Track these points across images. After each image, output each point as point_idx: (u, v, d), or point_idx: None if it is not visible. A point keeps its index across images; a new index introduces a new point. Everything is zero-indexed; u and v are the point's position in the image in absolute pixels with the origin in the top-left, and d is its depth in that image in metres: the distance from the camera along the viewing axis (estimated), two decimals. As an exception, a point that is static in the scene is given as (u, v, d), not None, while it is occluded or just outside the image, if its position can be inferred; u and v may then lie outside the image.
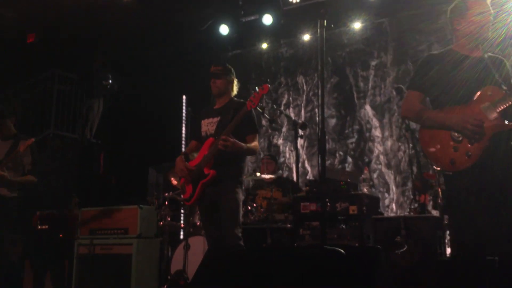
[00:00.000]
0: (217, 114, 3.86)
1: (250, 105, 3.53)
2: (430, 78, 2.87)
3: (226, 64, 4.01)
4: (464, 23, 2.84)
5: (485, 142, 2.65)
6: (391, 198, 6.82)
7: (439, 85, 2.84)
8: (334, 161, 7.34)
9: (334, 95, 7.55)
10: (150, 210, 5.48)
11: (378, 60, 7.30)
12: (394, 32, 7.16)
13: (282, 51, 8.18)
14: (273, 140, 7.95)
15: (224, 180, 3.65)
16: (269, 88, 3.57)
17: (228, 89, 3.94)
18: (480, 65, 2.76)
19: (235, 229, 3.58)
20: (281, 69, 8.15)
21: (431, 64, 2.89)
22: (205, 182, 3.64)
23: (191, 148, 4.04)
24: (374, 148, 7.10)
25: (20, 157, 4.67)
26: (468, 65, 2.77)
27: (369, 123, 7.22)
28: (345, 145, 7.33)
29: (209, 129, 3.85)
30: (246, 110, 3.55)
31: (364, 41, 7.43)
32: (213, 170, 3.62)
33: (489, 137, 2.65)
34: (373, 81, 7.29)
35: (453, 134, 2.75)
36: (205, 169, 3.65)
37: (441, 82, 2.83)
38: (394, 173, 6.86)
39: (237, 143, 3.55)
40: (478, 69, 2.74)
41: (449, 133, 2.76)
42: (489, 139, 2.64)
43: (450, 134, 2.75)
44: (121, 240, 5.24)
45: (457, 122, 2.72)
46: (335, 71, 7.59)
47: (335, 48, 7.57)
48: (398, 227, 4.41)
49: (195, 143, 4.02)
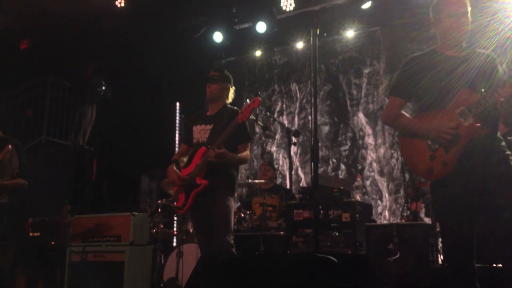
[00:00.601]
0: (210, 121, 3.85)
1: (241, 117, 3.55)
2: (411, 82, 2.75)
3: (225, 70, 4.00)
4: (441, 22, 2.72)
5: (460, 150, 2.55)
6: (384, 205, 6.85)
7: (420, 89, 2.73)
8: (327, 168, 7.36)
9: (327, 102, 7.59)
10: (143, 217, 5.46)
11: (371, 68, 7.35)
12: (387, 41, 7.22)
13: (275, 59, 8.22)
14: (266, 147, 7.97)
15: (216, 188, 3.66)
16: (259, 101, 3.58)
17: (223, 95, 3.92)
18: (460, 65, 2.63)
19: (227, 236, 3.58)
20: (274, 76, 8.18)
21: (413, 67, 2.77)
22: (198, 191, 3.65)
23: (181, 153, 4.04)
24: (367, 156, 7.13)
25: (7, 161, 4.60)
26: (448, 66, 2.65)
27: (362, 131, 7.25)
28: (338, 152, 7.36)
29: (201, 137, 3.84)
30: (237, 122, 3.57)
31: (357, 49, 7.48)
32: (205, 180, 3.63)
33: (464, 144, 2.54)
34: (366, 88, 7.34)
35: (428, 142, 2.65)
36: (197, 178, 3.66)
37: (422, 86, 2.71)
38: (387, 180, 6.89)
39: (227, 154, 3.56)
40: (458, 70, 2.62)
41: (425, 142, 2.67)
42: (465, 146, 2.54)
43: (426, 142, 2.66)
44: (114, 248, 5.22)
45: (430, 130, 2.62)
46: (328, 78, 7.63)
47: (328, 55, 7.62)
48: (391, 235, 4.43)
49: (185, 147, 4.01)
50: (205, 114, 3.97)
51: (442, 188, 2.65)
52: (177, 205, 3.87)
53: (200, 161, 3.68)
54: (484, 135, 2.57)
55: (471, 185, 2.56)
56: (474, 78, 2.60)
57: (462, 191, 2.56)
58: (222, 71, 3.97)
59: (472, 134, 2.55)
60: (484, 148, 2.58)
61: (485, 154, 2.58)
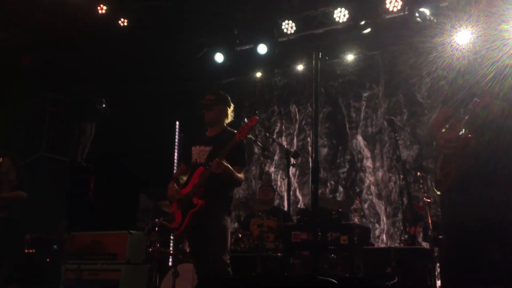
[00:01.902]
0: (209, 143, 3.85)
1: (239, 136, 3.56)
2: None
3: (220, 92, 3.99)
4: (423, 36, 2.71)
5: (458, 160, 2.51)
6: (381, 228, 6.83)
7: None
8: (326, 190, 7.35)
9: (327, 124, 7.62)
10: (139, 235, 5.43)
11: (370, 92, 7.41)
12: (386, 65, 7.30)
13: (275, 80, 8.28)
14: (265, 168, 7.97)
15: (213, 208, 3.66)
16: (257, 120, 3.59)
17: (221, 118, 3.91)
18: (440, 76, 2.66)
19: (223, 256, 3.57)
20: (274, 97, 8.23)
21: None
22: (194, 212, 3.64)
23: (180, 171, 4.04)
24: (365, 178, 7.14)
25: (3, 174, 4.59)
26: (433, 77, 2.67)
27: (360, 153, 7.27)
28: (336, 174, 7.37)
29: (200, 157, 3.84)
30: (236, 141, 3.57)
31: (356, 72, 7.55)
32: (202, 200, 3.62)
33: (460, 155, 2.50)
34: (365, 112, 7.38)
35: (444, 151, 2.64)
36: (194, 198, 3.65)
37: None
38: (385, 203, 6.89)
39: (229, 168, 3.58)
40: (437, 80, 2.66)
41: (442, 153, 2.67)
42: (462, 156, 2.49)
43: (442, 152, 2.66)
44: (109, 266, 5.17)
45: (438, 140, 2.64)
46: (328, 101, 7.69)
47: (328, 78, 7.68)
48: (389, 259, 4.41)
49: (184, 167, 4.01)
50: (204, 135, 3.97)
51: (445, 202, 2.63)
52: (173, 226, 3.85)
53: (197, 181, 3.69)
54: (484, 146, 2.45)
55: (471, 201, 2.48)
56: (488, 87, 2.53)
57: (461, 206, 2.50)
58: (218, 93, 3.95)
59: (464, 145, 2.48)
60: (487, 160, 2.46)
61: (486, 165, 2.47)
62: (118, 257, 5.19)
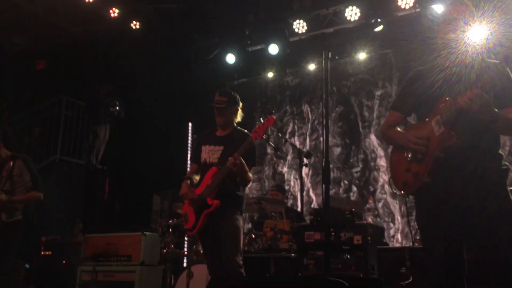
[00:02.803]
0: (220, 143, 3.84)
1: (255, 136, 3.51)
2: (410, 96, 2.70)
3: (231, 92, 3.95)
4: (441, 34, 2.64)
5: (431, 160, 2.43)
6: (396, 228, 6.77)
7: (417, 102, 2.67)
8: (339, 190, 7.32)
9: (339, 124, 7.59)
10: (154, 237, 5.46)
11: (383, 90, 7.35)
12: (399, 63, 7.23)
13: (287, 80, 8.26)
14: (278, 168, 7.96)
15: (226, 208, 3.65)
16: (274, 119, 3.53)
17: (233, 119, 3.90)
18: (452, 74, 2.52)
19: (235, 257, 3.57)
20: (286, 97, 8.21)
21: (413, 80, 2.72)
22: (209, 212, 3.64)
23: (193, 171, 4.02)
24: (379, 178, 7.09)
25: (17, 177, 4.63)
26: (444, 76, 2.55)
27: (374, 153, 7.23)
28: (350, 174, 7.33)
29: (210, 157, 3.82)
30: (251, 141, 3.55)
31: (369, 71, 7.50)
32: (216, 200, 3.61)
33: (435, 154, 2.42)
34: (378, 110, 7.33)
35: (406, 154, 2.58)
36: (208, 199, 3.65)
37: (418, 99, 2.65)
38: (399, 202, 6.83)
39: (245, 165, 3.57)
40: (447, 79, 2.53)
41: (403, 154, 2.61)
42: (436, 156, 2.42)
43: (404, 154, 2.60)
44: (124, 267, 5.22)
45: (403, 140, 2.59)
46: (340, 100, 7.64)
47: (340, 77, 7.65)
48: (403, 258, 4.37)
49: (196, 166, 4.00)
50: (214, 134, 3.95)
51: (421, 201, 2.57)
52: (187, 227, 3.85)
53: (210, 181, 3.68)
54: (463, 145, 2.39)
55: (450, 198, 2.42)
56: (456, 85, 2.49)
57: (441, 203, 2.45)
58: (229, 94, 3.90)
59: (444, 144, 2.41)
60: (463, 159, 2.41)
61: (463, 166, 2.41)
62: (132, 258, 5.23)
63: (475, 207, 2.37)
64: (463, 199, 2.40)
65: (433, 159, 2.42)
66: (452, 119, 2.40)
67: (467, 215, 2.39)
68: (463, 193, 2.40)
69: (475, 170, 2.40)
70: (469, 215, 2.38)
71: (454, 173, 2.42)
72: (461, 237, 2.44)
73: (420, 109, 2.67)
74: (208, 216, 3.65)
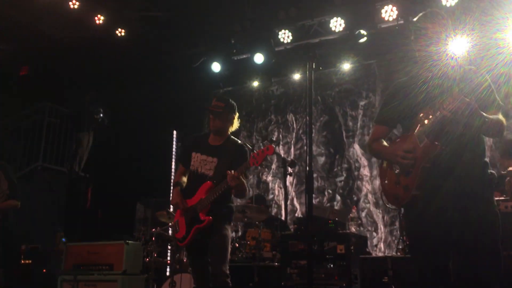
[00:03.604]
0: (213, 154, 3.76)
1: (253, 162, 3.46)
2: (395, 109, 2.70)
3: (229, 100, 3.89)
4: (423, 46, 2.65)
5: (418, 172, 2.44)
6: (379, 237, 6.81)
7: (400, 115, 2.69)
8: (323, 199, 7.35)
9: (324, 133, 7.64)
10: (136, 246, 5.40)
11: (367, 100, 7.43)
12: (382, 73, 7.33)
13: (272, 89, 8.30)
14: (262, 177, 7.97)
15: (216, 219, 3.63)
16: (274, 150, 3.47)
17: (228, 126, 3.84)
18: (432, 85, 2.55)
19: (223, 267, 3.55)
20: (271, 106, 8.25)
21: (398, 93, 2.73)
22: (200, 227, 3.61)
23: (180, 173, 3.96)
24: (363, 187, 7.14)
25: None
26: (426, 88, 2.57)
27: (357, 162, 7.28)
28: (333, 183, 7.36)
29: (202, 167, 3.76)
30: (249, 165, 3.50)
31: (353, 81, 7.58)
32: (209, 217, 3.58)
33: (422, 165, 2.43)
34: (362, 120, 7.40)
35: (394, 167, 2.59)
36: (201, 214, 3.62)
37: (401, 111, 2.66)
38: (382, 212, 6.88)
39: (244, 183, 3.58)
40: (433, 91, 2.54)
41: (391, 167, 2.61)
42: (422, 167, 2.43)
43: (393, 169, 2.60)
44: (106, 277, 5.13)
45: (389, 154, 2.61)
46: (325, 110, 7.70)
47: (325, 87, 7.71)
48: (386, 267, 4.40)
49: (183, 169, 3.95)
50: (207, 142, 3.86)
51: (411, 213, 2.59)
52: (177, 237, 3.81)
53: (205, 196, 3.63)
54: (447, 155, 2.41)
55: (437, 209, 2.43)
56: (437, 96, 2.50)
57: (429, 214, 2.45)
58: (227, 101, 3.85)
59: (429, 155, 2.41)
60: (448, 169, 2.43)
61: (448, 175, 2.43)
62: (115, 267, 5.15)
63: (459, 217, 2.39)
64: (448, 210, 2.42)
65: (420, 170, 2.44)
66: (435, 130, 2.42)
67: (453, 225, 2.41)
68: (448, 203, 2.42)
69: (460, 180, 2.42)
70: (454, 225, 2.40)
71: (440, 183, 2.44)
72: (447, 247, 2.46)
73: (405, 121, 2.69)
74: (199, 231, 3.62)
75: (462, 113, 2.33)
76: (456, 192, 2.42)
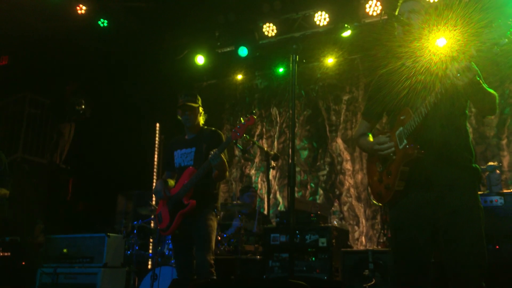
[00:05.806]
0: (191, 145, 3.87)
1: (235, 135, 3.48)
2: (380, 104, 2.71)
3: (197, 94, 4.03)
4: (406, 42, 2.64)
5: (397, 174, 2.45)
6: (360, 231, 6.87)
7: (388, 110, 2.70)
8: (305, 192, 7.38)
9: (307, 127, 7.65)
10: (117, 238, 5.37)
11: (350, 95, 7.46)
12: (366, 69, 7.36)
13: (256, 83, 8.29)
14: (245, 170, 7.97)
15: (201, 208, 3.65)
16: (254, 119, 3.52)
17: (199, 118, 3.97)
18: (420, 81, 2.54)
19: (207, 256, 3.56)
20: (255, 100, 8.24)
21: (381, 87, 2.74)
22: (184, 212, 3.61)
23: (167, 177, 4.04)
24: (345, 181, 7.18)
25: None
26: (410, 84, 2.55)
27: (340, 156, 7.32)
28: (316, 177, 7.40)
29: (184, 160, 3.85)
30: (231, 140, 3.52)
31: (336, 76, 7.60)
32: (193, 200, 3.61)
33: (400, 168, 2.44)
34: (345, 115, 7.44)
35: (377, 164, 2.61)
36: (184, 198, 3.62)
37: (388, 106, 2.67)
38: (364, 206, 6.94)
39: (225, 162, 3.62)
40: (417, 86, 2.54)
41: (375, 164, 2.64)
42: (401, 171, 2.44)
43: (375, 165, 2.63)
44: (86, 269, 5.11)
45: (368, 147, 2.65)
46: (308, 104, 7.72)
47: (308, 81, 7.72)
48: (366, 261, 4.44)
49: (170, 174, 4.03)
50: (183, 138, 3.99)
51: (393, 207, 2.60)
52: (161, 227, 3.82)
53: (187, 181, 3.66)
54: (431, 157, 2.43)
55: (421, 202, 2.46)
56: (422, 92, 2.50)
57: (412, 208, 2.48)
58: (196, 96, 3.98)
59: (408, 158, 2.42)
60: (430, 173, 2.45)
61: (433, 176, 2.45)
62: (95, 260, 5.13)
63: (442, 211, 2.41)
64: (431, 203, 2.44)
65: (399, 173, 2.46)
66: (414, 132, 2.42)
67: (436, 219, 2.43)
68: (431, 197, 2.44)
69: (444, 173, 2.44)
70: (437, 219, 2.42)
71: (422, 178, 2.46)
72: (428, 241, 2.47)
73: (389, 116, 2.71)
74: (183, 216, 3.63)
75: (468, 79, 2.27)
76: (440, 185, 2.43)
